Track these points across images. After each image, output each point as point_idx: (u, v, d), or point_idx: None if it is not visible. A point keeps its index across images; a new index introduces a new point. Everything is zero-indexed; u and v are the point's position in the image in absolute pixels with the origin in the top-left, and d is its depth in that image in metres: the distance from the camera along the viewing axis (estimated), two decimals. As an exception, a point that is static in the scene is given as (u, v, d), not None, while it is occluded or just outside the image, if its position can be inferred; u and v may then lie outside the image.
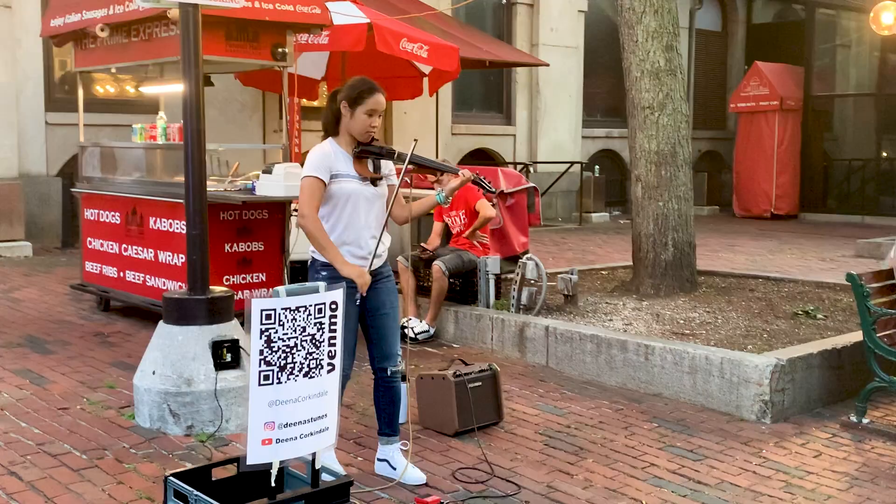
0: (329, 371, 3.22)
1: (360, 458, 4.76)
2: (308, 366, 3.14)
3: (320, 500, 3.26)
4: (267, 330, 3.01)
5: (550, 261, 12.04)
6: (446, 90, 16.29)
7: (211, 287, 5.30)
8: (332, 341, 3.20)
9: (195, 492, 3.17)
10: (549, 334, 6.61)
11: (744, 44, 21.51)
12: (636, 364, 6.11)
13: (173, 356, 5.02)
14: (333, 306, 3.19)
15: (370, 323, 4.44)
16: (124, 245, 7.67)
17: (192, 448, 4.81)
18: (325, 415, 3.23)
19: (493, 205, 8.73)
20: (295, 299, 3.06)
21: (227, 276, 7.07)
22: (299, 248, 6.74)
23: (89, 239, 8.17)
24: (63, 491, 4.22)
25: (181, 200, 6.88)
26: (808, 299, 7.83)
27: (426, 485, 4.44)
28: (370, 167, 4.33)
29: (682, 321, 6.97)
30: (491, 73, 17.25)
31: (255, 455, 3.07)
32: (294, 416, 3.12)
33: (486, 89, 17.56)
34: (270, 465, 3.11)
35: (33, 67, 12.37)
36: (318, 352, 3.16)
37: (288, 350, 3.07)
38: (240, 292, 7.13)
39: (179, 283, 7.09)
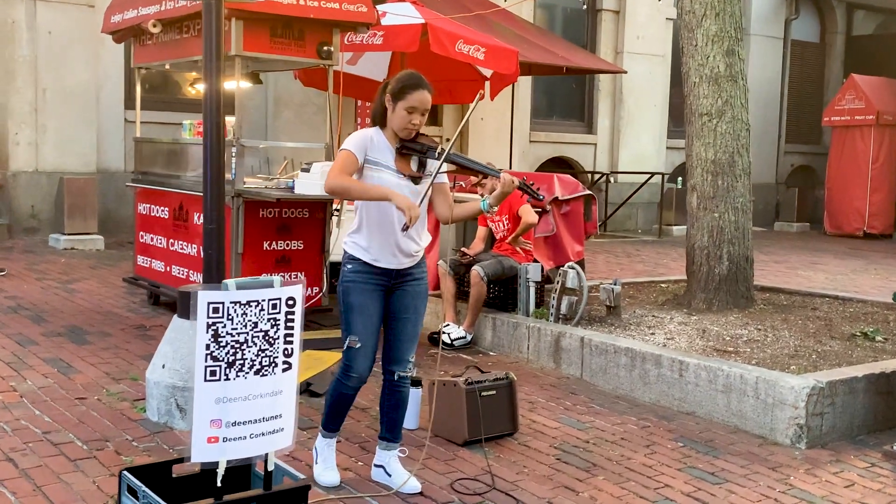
0: (285, 370, 3.10)
1: (360, 463, 4.64)
2: (260, 363, 3.03)
3: (276, 503, 3.14)
4: (214, 324, 2.91)
5: (618, 272, 11.77)
6: (525, 96, 16.12)
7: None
8: (288, 339, 3.08)
9: (143, 487, 3.09)
10: (584, 345, 6.38)
11: (842, 56, 20.73)
12: (670, 380, 5.84)
13: (183, 350, 4.98)
14: (291, 302, 3.07)
15: (390, 324, 4.31)
16: (171, 240, 7.73)
17: (194, 444, 4.75)
18: (280, 415, 3.12)
19: (548, 211, 8.54)
20: (245, 293, 2.95)
21: (265, 274, 7.03)
22: (340, 248, 6.67)
23: (141, 233, 8.26)
24: (54, 480, 4.20)
25: (220, 196, 6.91)
26: (872, 321, 7.41)
27: (421, 494, 4.29)
28: (413, 166, 4.18)
29: (728, 338, 6.65)
30: (573, 80, 17.00)
31: (201, 453, 2.97)
32: (243, 415, 3.01)
33: (567, 97, 17.30)
34: (217, 464, 3.00)
35: (114, 66, 12.66)
36: (271, 349, 3.04)
37: (237, 346, 2.96)
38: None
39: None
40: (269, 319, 3.02)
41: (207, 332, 2.89)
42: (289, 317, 3.07)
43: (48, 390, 5.53)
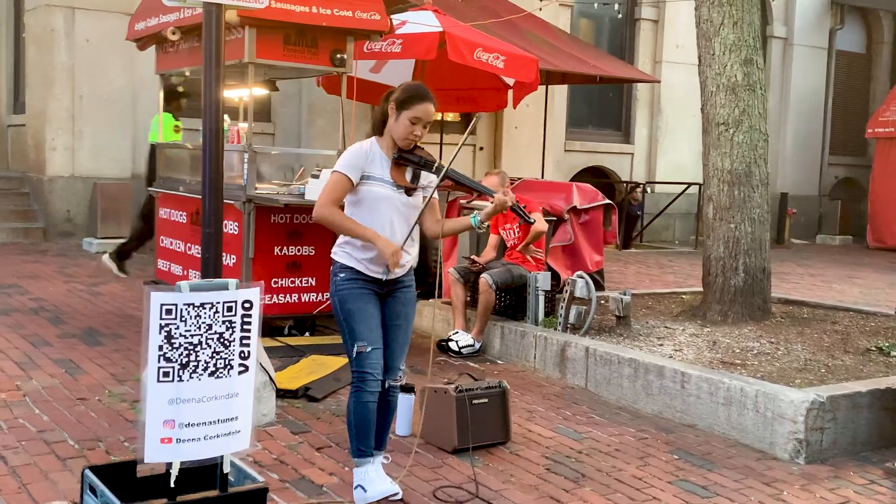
0: (241, 372, 3.12)
1: (346, 468, 4.63)
2: (215, 365, 3.05)
3: (231, 505, 3.16)
4: (167, 325, 2.93)
5: (647, 283, 11.67)
6: (560, 105, 16.07)
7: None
8: (244, 341, 3.10)
9: (101, 485, 3.13)
10: (588, 355, 6.34)
11: (889, 66, 20.38)
12: (672, 392, 5.78)
13: (177, 353, 5.03)
14: (247, 305, 3.09)
15: (382, 332, 4.30)
16: (189, 244, 7.82)
17: (184, 446, 4.79)
18: (236, 417, 3.14)
19: (566, 220, 8.50)
20: (199, 295, 2.98)
21: (275, 280, 7.10)
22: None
23: (162, 237, 8.37)
24: (41, 479, 4.26)
25: (231, 201, 7.00)
26: (892, 335, 7.25)
27: (401, 501, 4.28)
28: (407, 176, 4.16)
29: (737, 350, 6.55)
30: (609, 89, 16.92)
31: (153, 454, 3.00)
32: (197, 417, 3.03)
33: (604, 106, 17.22)
34: (170, 464, 3.03)
35: (150, 73, 12.79)
36: (226, 352, 3.06)
37: (191, 348, 2.98)
38: (288, 296, 7.15)
39: (230, 284, 7.15)
40: (224, 322, 3.04)
41: (160, 333, 2.92)
42: (245, 320, 3.09)
43: (52, 390, 5.62)
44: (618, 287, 10.53)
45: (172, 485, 3.03)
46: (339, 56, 7.06)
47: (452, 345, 7.02)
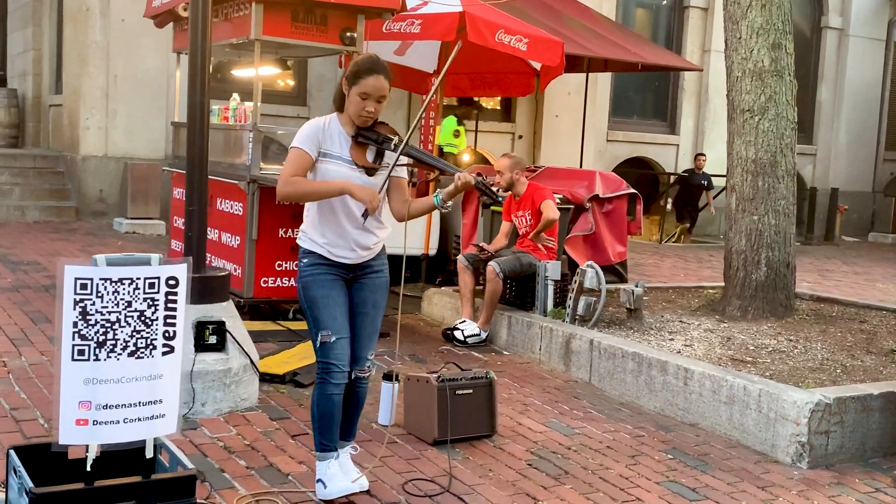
0: (166, 353, 2.96)
1: (318, 458, 4.47)
2: (135, 345, 2.89)
3: (154, 492, 3.00)
4: (82, 300, 2.78)
5: (681, 276, 11.34)
6: (604, 94, 15.75)
7: (211, 267, 5.17)
8: (169, 321, 2.94)
9: (20, 466, 2.99)
10: (593, 348, 6.09)
11: (951, 59, 19.65)
12: (675, 388, 5.51)
13: (157, 333, 4.90)
14: (171, 282, 2.92)
15: (350, 319, 4.10)
16: (198, 225, 7.71)
17: (157, 428, 4.67)
18: (160, 400, 2.98)
19: (587, 209, 8.25)
20: (117, 270, 2.82)
21: (279, 262, 6.96)
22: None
23: (175, 217, 8.29)
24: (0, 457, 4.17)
25: (235, 181, 6.87)
26: (923, 336, 6.89)
27: (367, 493, 4.10)
28: (369, 156, 3.93)
29: (752, 347, 6.26)
30: (655, 78, 16.55)
31: (69, 435, 2.85)
32: (116, 398, 2.88)
33: (649, 95, 16.84)
34: (87, 447, 2.88)
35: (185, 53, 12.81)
36: (148, 331, 2.90)
37: (108, 325, 2.83)
38: (291, 279, 7.01)
39: (235, 266, 7.05)
40: (145, 299, 2.88)
41: (75, 308, 2.77)
42: (170, 297, 2.93)
43: (38, 367, 5.54)
44: (648, 281, 10.25)
45: (89, 468, 2.88)
46: (348, 34, 6.89)
47: (458, 334, 6.82)
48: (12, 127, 14.64)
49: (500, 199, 4.02)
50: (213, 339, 4.95)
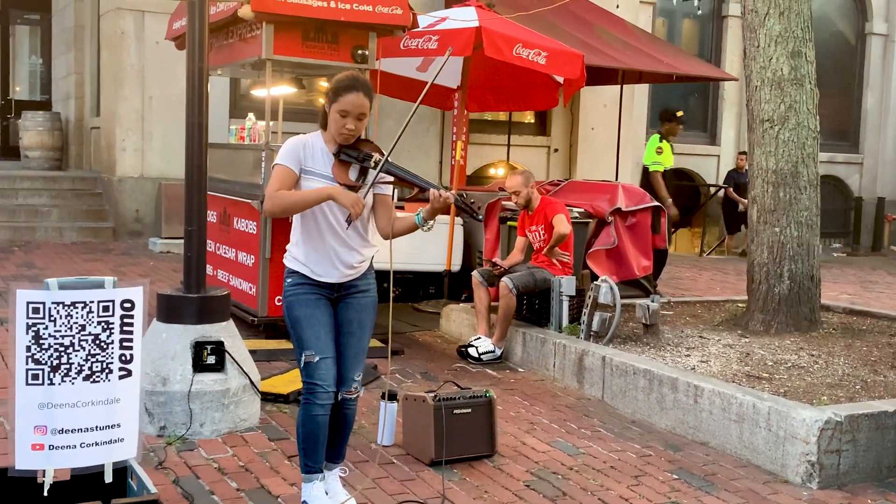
0: (123, 377, 2.94)
1: (311, 478, 4.43)
2: (90, 369, 2.87)
3: (115, 517, 2.98)
4: (35, 325, 2.77)
5: (717, 290, 11.15)
6: (641, 105, 15.58)
7: (210, 287, 5.17)
8: (125, 344, 2.92)
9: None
10: (605, 365, 5.98)
11: None
12: (685, 406, 5.38)
13: (155, 354, 4.92)
14: (127, 305, 2.90)
15: (336, 339, 4.06)
16: (217, 244, 7.76)
17: (154, 449, 4.66)
18: (118, 424, 2.95)
19: (609, 222, 8.14)
20: (69, 293, 2.81)
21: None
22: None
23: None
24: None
25: (249, 200, 6.89)
26: (954, 350, 6.66)
27: (356, 514, 4.06)
28: (352, 174, 3.87)
29: (770, 363, 6.10)
30: (694, 89, 16.34)
31: (25, 460, 2.84)
32: (72, 422, 2.86)
33: (688, 106, 16.59)
34: (42, 472, 2.87)
35: (219, 76, 12.93)
36: (103, 354, 2.89)
37: (62, 349, 2.82)
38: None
39: (250, 284, 7.06)
40: (99, 322, 2.86)
41: (27, 333, 2.76)
42: (125, 321, 2.91)
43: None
44: (682, 295, 10.08)
45: (46, 493, 2.86)
46: (360, 52, 6.88)
47: (473, 351, 6.76)
48: (56, 150, 14.89)
49: (479, 217, 3.94)
50: (211, 360, 4.94)
